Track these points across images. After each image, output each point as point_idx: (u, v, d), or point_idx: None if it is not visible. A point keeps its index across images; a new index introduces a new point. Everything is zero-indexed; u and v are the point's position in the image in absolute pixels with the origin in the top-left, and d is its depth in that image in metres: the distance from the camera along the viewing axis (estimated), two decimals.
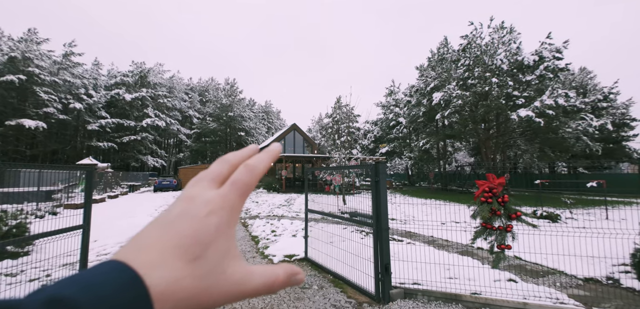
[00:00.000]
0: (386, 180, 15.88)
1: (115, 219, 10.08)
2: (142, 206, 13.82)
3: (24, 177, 17.93)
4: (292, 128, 31.02)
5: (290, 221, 9.25)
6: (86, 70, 36.39)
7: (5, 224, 5.06)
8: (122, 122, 36.13)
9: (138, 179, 30.51)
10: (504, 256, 3.08)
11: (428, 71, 22.34)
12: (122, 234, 7.43)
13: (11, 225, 5.07)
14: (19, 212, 5.32)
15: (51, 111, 30.03)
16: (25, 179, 17.20)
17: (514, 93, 16.10)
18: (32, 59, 28.16)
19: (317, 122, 65.39)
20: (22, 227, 5.14)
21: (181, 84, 51.22)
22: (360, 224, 4.16)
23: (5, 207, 5.21)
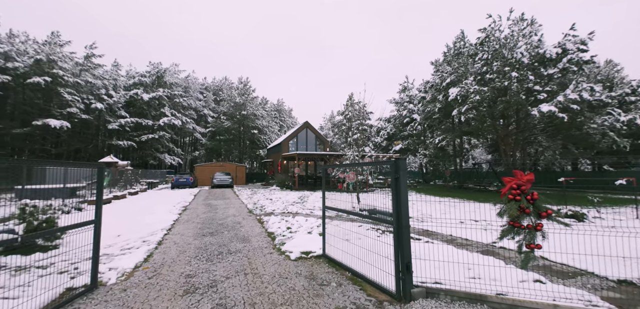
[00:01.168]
0: None
1: (136, 214, 10.40)
2: (161, 202, 14.20)
3: (50, 174, 18.82)
4: (305, 126, 31.09)
5: (305, 218, 9.26)
6: (106, 71, 37.70)
7: (36, 219, 5.29)
8: (140, 121, 37.24)
9: (156, 176, 31.42)
10: (534, 256, 2.95)
11: (443, 66, 21.80)
12: (144, 230, 7.65)
13: (41, 219, 5.30)
14: (48, 208, 5.54)
15: (74, 111, 31.29)
16: (51, 176, 18.06)
17: (535, 88, 15.46)
18: (56, 61, 29.40)
19: (329, 119, 65.27)
20: (51, 222, 5.36)
21: (196, 83, 52.25)
22: (379, 221, 4.09)
23: (35, 203, 5.44)
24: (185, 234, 7.33)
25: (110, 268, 4.78)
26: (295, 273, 4.57)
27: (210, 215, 10.27)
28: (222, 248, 5.96)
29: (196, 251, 5.78)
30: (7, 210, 6.17)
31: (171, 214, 10.53)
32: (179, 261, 5.13)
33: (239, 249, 5.92)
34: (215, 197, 17.12)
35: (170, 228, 8.05)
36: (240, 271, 4.62)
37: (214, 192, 21.38)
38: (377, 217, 4.29)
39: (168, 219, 9.45)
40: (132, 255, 5.50)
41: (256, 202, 13.93)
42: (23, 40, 30.12)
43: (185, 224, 8.58)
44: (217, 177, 25.90)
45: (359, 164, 5.24)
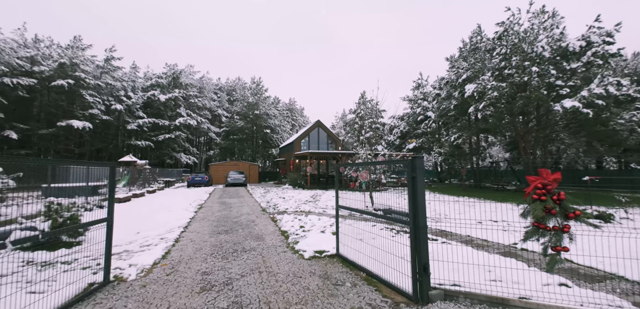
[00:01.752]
0: None
1: (154, 212, 10.69)
2: (177, 200, 14.54)
3: (74, 173, 19.58)
4: (316, 125, 31.11)
5: (318, 217, 9.25)
6: (125, 73, 39.00)
7: (61, 216, 5.51)
8: (157, 121, 38.32)
9: (173, 175, 32.26)
10: (560, 259, 2.81)
11: (459, 62, 21.22)
12: (162, 227, 7.85)
13: (66, 217, 5.51)
14: (72, 205, 5.76)
15: (95, 112, 32.53)
16: (75, 175, 18.79)
17: (556, 82, 14.79)
18: (78, 65, 30.64)
19: (340, 118, 65.06)
20: (75, 219, 5.57)
21: (210, 84, 53.25)
22: (394, 222, 4.02)
23: (61, 201, 5.67)
24: (201, 231, 7.47)
25: (130, 264, 4.91)
26: (309, 272, 4.56)
27: (224, 213, 10.43)
28: (237, 246, 6.02)
29: (212, 248, 5.88)
30: (35, 207, 6.47)
31: (187, 212, 10.76)
32: (196, 258, 5.22)
33: (253, 247, 5.97)
34: (230, 195, 17.39)
35: (186, 226, 8.22)
36: (255, 269, 4.65)
37: (228, 190, 21.73)
38: (392, 218, 4.21)
39: (185, 217, 9.66)
40: (151, 252, 5.64)
41: (269, 200, 14.05)
42: (48, 44, 31.58)
43: (201, 222, 8.75)
44: (231, 176, 26.32)
45: (373, 163, 5.17)
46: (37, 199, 6.94)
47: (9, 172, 7.39)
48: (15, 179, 7.43)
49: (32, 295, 3.59)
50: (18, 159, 3.39)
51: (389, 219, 4.25)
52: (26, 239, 2.96)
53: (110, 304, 3.45)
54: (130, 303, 3.48)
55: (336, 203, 5.53)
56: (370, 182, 12.04)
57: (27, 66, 28.31)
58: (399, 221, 3.95)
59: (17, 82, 26.26)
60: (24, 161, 3.56)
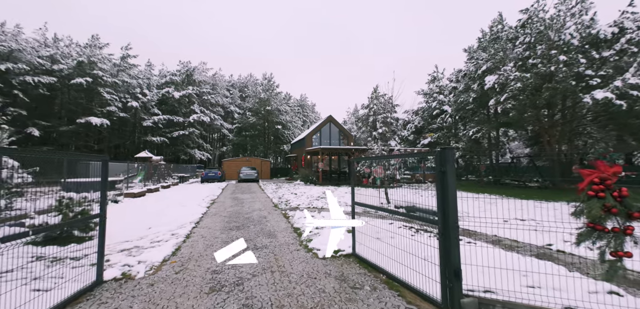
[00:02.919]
0: (431, 173, 14.79)
1: (167, 207, 10.67)
2: (191, 196, 14.58)
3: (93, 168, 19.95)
4: (328, 120, 30.72)
5: None
6: (141, 71, 39.80)
7: (72, 210, 5.43)
8: (172, 118, 38.95)
9: (187, 171, 32.74)
10: (622, 266, 2.39)
11: (478, 53, 20.27)
12: (173, 222, 7.75)
13: (76, 211, 5.43)
14: (83, 200, 5.68)
15: (113, 110, 33.33)
16: (93, 171, 19.14)
17: (586, 72, 13.79)
18: (96, 63, 31.41)
19: (352, 113, 64.34)
20: (86, 214, 5.48)
21: (223, 81, 53.70)
22: (420, 220, 3.65)
23: (71, 195, 5.60)
24: (212, 227, 7.31)
25: (139, 261, 4.76)
26: (325, 272, 4.27)
27: (236, 209, 10.29)
28: (248, 243, 5.81)
29: (223, 245, 5.68)
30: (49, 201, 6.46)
31: (200, 207, 10.69)
32: (206, 256, 5.03)
33: (265, 244, 5.74)
34: (242, 191, 17.34)
35: (198, 221, 8.10)
36: (266, 269, 4.41)
37: (241, 186, 21.76)
38: (417, 216, 3.83)
39: (197, 212, 9.58)
40: (161, 248, 5.50)
41: (281, 196, 13.86)
42: (67, 44, 32.52)
43: (213, 218, 8.62)
44: (243, 171, 26.40)
45: (395, 156, 4.79)
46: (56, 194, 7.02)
47: (27, 167, 7.44)
48: (32, 174, 7.47)
49: (36, 292, 3.46)
50: (12, 151, 3.23)
51: (413, 218, 3.87)
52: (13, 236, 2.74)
53: (115, 304, 3.27)
54: (136, 304, 3.29)
55: (352, 199, 5.20)
56: (386, 178, 11.62)
57: (48, 65, 29.24)
58: (424, 220, 3.58)
59: (38, 80, 27.16)
60: (15, 152, 3.42)
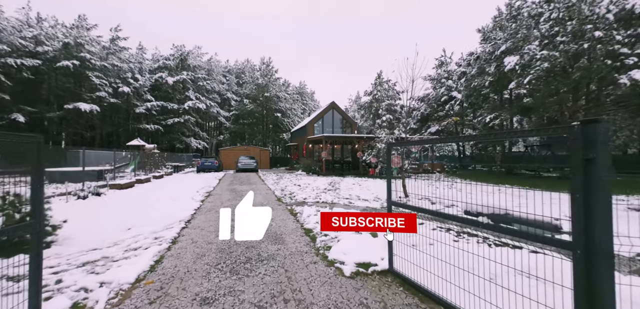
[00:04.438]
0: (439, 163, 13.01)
1: (156, 201, 9.39)
2: (184, 187, 13.32)
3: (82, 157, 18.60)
4: (331, 107, 29.30)
5: (346, 210, 7.70)
6: (132, 55, 37.87)
7: (19, 211, 4.13)
8: (166, 105, 37.30)
9: (182, 160, 31.38)
10: None
11: (495, 32, 18.80)
12: (160, 221, 6.47)
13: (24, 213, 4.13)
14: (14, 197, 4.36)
15: (103, 95, 31.65)
16: (85, 159, 17.84)
17: (621, 50, 12.45)
18: (84, 45, 29.56)
19: (354, 101, 62.73)
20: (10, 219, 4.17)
21: (219, 66, 51.73)
22: (525, 238, 2.35)
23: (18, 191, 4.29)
24: (206, 228, 6.06)
25: (102, 283, 3.50)
26: (359, 302, 3.05)
27: (235, 202, 9.02)
28: (251, 251, 4.56)
29: (218, 254, 4.44)
30: None
31: (193, 201, 9.42)
32: (195, 273, 3.78)
33: (272, 254, 4.49)
34: (240, 182, 16.08)
35: (189, 220, 6.84)
36: (277, 295, 3.17)
37: (239, 176, 20.49)
38: (519, 232, 2.53)
39: (189, 207, 8.30)
40: (138, 259, 4.24)
41: (284, 188, 12.61)
42: (52, 24, 30.55)
43: (207, 215, 7.36)
44: (241, 161, 25.11)
45: (454, 139, 3.49)
46: None
47: None
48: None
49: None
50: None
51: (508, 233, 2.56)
52: None
53: None
54: None
55: (388, 196, 3.90)
56: (403, 169, 10.37)
57: (31, 46, 27.38)
58: (536, 238, 2.27)
59: (21, 63, 25.37)
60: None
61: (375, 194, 10.69)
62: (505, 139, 14.88)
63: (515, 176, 18.86)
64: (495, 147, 20.96)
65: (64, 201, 8.96)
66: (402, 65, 9.21)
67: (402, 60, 9.30)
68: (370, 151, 18.98)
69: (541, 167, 18.08)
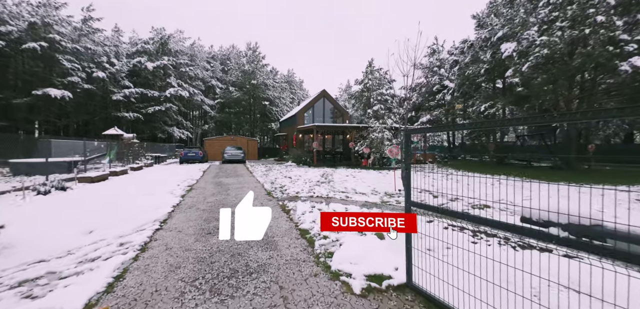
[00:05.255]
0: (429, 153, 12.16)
1: (130, 196, 8.38)
2: (164, 180, 12.27)
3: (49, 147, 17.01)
4: (321, 95, 28.37)
5: (344, 207, 7.00)
6: (107, 37, 35.34)
7: None
8: (146, 92, 35.24)
9: (164, 150, 29.82)
10: None
11: (491, 18, 18.30)
12: (129, 222, 5.54)
13: None
14: None
15: (75, 80, 29.43)
16: (57, 150, 16.32)
17: (621, 36, 12.16)
18: (52, 25, 27.18)
19: (344, 90, 61.82)
20: None
21: (202, 52, 49.48)
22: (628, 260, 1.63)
23: None
24: (184, 230, 5.20)
25: None
26: None
27: (220, 198, 8.15)
28: (237, 261, 3.77)
29: (196, 266, 3.62)
30: None
31: (172, 196, 8.47)
32: (165, 293, 2.97)
33: (263, 263, 3.72)
34: (227, 174, 15.11)
35: (166, 219, 5.95)
36: None
37: (225, 168, 19.45)
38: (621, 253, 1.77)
39: (167, 203, 7.38)
40: (93, 275, 3.38)
41: (274, 181, 11.78)
42: (16, 2, 27.82)
43: (187, 213, 6.48)
44: (228, 151, 23.98)
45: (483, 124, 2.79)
46: None
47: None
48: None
49: None
50: None
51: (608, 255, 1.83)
52: None
53: None
54: None
55: (407, 195, 3.18)
56: (403, 160, 9.70)
57: None
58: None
59: None
60: None
61: (371, 186, 10.04)
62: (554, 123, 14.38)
63: (507, 166, 18.75)
64: (489, 137, 20.77)
65: (19, 197, 7.81)
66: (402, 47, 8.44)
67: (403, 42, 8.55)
68: (363, 142, 18.34)
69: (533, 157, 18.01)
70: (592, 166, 15.06)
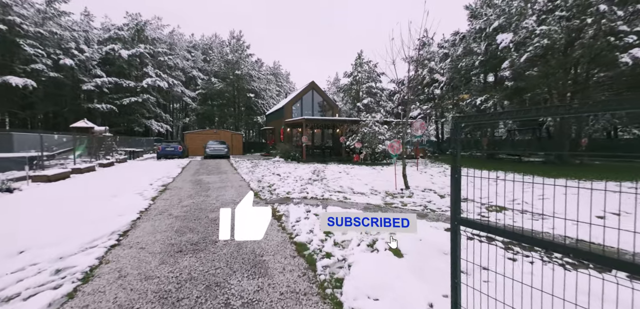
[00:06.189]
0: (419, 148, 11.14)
1: (91, 199, 7.11)
2: (136, 178, 10.93)
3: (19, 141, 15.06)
4: (310, 87, 27.23)
5: (343, 210, 6.09)
6: (75, 21, 32.51)
7: None
8: (120, 82, 32.83)
9: (141, 144, 27.83)
10: None
11: (484, 9, 17.78)
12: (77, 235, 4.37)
13: None
14: None
15: (40, 68, 26.83)
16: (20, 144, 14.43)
17: (621, 27, 11.82)
18: (11, 6, 24.50)
19: (333, 83, 60.79)
20: None
21: (183, 41, 46.92)
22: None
23: None
24: (148, 246, 4.11)
25: None
26: None
27: (198, 201, 7.03)
28: (214, 296, 2.76)
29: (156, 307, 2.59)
30: None
31: (141, 198, 7.26)
32: None
33: (250, 299, 2.74)
34: (208, 171, 13.86)
35: (128, 230, 4.83)
36: None
37: (207, 163, 18.09)
38: None
39: (133, 208, 6.20)
40: None
41: (261, 179, 10.71)
42: None
43: (156, 221, 5.35)
44: (210, 146, 22.51)
45: (545, 110, 1.91)
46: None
47: None
48: None
49: None
50: None
51: None
52: None
53: None
54: None
55: (454, 211, 2.26)
56: (404, 156, 8.92)
57: None
58: None
59: None
60: None
61: (369, 185, 9.20)
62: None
63: (498, 161, 18.47)
64: (484, 132, 20.47)
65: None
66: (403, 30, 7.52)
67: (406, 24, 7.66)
68: (355, 136, 17.51)
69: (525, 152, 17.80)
70: (584, 161, 14.94)
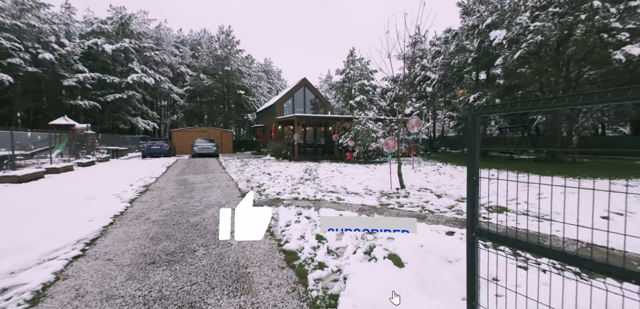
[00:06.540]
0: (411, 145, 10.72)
1: (60, 203, 6.51)
2: (116, 178, 10.30)
3: None
4: (302, 84, 26.73)
5: (337, 212, 5.70)
6: (55, 14, 31.04)
7: None
8: (104, 78, 31.56)
9: (125, 142, 26.85)
10: None
11: (477, 5, 17.65)
12: (42, 242, 3.84)
13: None
14: None
15: (17, 62, 25.49)
16: None
17: (614, 24, 11.80)
18: None
19: (325, 80, 60.32)
20: None
21: (170, 36, 45.62)
22: None
23: None
24: (116, 257, 3.62)
25: None
26: None
27: (180, 203, 6.53)
28: None
29: None
30: None
31: (118, 200, 6.71)
32: None
33: None
34: (195, 170, 13.27)
35: (96, 238, 4.31)
36: None
37: (194, 162, 17.44)
38: None
39: (107, 212, 5.66)
40: None
41: (250, 178, 10.22)
42: None
43: (131, 226, 4.84)
44: (198, 144, 21.82)
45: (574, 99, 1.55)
46: None
47: None
48: None
49: None
50: None
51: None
52: None
53: None
54: None
55: (470, 221, 1.88)
56: (399, 154, 8.58)
57: None
58: None
59: None
60: None
61: (363, 184, 8.84)
62: None
63: (490, 159, 18.44)
64: None
65: None
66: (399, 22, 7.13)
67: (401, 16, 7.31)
68: (348, 134, 17.16)
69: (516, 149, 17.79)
70: (576, 159, 14.99)
